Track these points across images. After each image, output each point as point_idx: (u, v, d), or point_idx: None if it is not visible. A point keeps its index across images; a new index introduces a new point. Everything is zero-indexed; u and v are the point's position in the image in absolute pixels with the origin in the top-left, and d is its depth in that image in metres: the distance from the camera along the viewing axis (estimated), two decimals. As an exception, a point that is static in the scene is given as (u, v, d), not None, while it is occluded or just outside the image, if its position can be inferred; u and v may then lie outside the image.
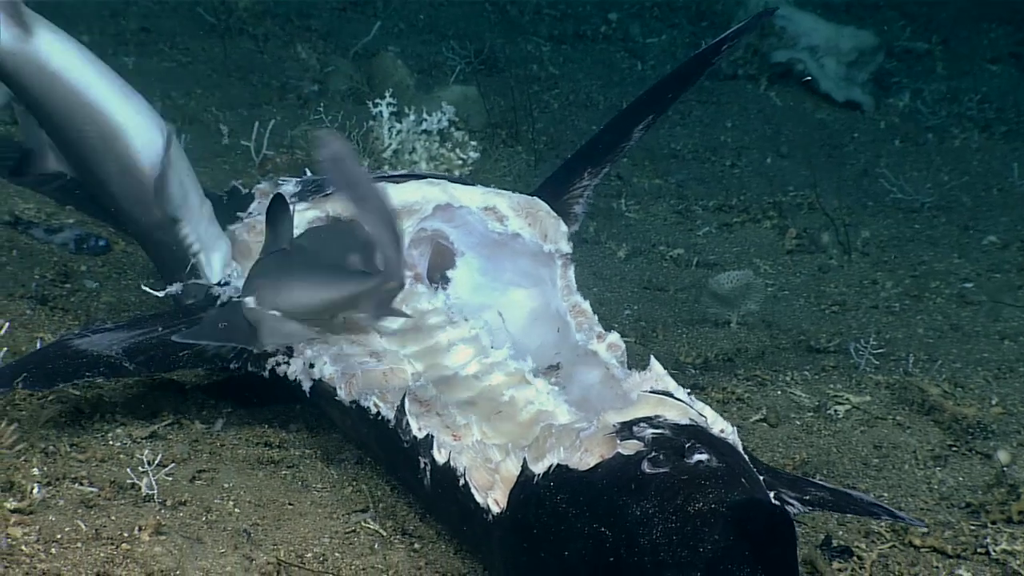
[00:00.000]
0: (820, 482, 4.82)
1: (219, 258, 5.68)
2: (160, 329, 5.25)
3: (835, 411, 6.09)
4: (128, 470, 4.78)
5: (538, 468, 4.11)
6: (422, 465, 4.55)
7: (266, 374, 5.15)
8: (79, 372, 5.02)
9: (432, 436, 4.53)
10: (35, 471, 4.68)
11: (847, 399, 6.20)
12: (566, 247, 5.65)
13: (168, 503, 4.67)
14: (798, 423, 5.98)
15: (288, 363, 5.11)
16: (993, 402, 6.24)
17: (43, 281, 6.51)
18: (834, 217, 8.91)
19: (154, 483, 4.69)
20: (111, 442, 5.07)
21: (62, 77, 5.54)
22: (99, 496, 4.63)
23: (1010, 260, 8.71)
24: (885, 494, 5.36)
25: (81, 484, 4.69)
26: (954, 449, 5.80)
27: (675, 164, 10.30)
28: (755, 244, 8.81)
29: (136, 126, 5.62)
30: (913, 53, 13.77)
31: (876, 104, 12.29)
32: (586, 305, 5.51)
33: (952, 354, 6.99)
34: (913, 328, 7.43)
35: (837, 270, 8.42)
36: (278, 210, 4.91)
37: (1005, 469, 5.54)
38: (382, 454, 4.92)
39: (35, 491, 4.54)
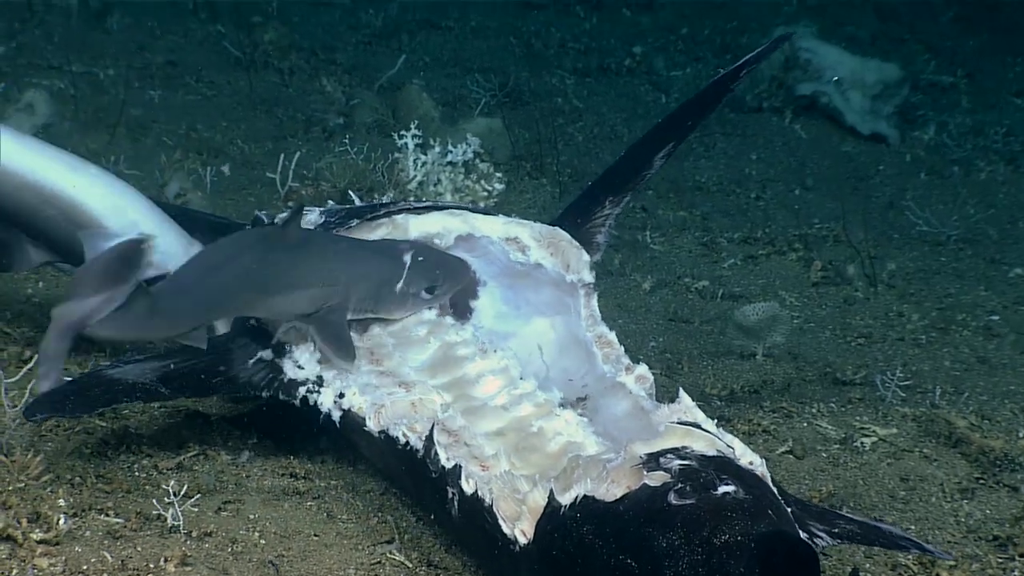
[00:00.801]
0: (849, 515, 4.80)
1: None
2: (190, 358, 5.26)
3: (862, 443, 6.07)
4: (154, 501, 4.79)
5: (565, 499, 4.12)
6: (450, 495, 4.54)
7: (297, 402, 5.16)
8: (117, 397, 5.04)
9: (460, 466, 4.53)
10: (61, 502, 4.69)
11: (874, 431, 6.19)
12: (588, 277, 5.65)
13: (194, 534, 4.68)
14: (824, 455, 5.97)
15: (319, 392, 5.11)
16: (1020, 435, 6.22)
17: (69, 313, 6.52)
18: (860, 249, 8.89)
19: (180, 514, 4.70)
20: (137, 473, 5.08)
21: (9, 168, 5.59)
22: (125, 527, 4.64)
23: (1037, 292, 8.71)
24: (912, 527, 5.34)
25: (107, 515, 4.70)
26: (981, 482, 5.78)
27: (700, 196, 10.30)
28: (780, 276, 8.79)
29: (96, 192, 5.66)
30: (938, 86, 13.77)
31: (901, 137, 12.28)
32: (612, 336, 5.49)
33: (979, 387, 6.96)
34: (939, 360, 7.41)
35: (863, 302, 8.39)
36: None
37: (1033, 502, 5.53)
38: (410, 484, 4.92)
39: (61, 522, 4.55)
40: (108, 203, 5.66)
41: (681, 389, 4.72)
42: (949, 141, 12.19)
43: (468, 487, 4.48)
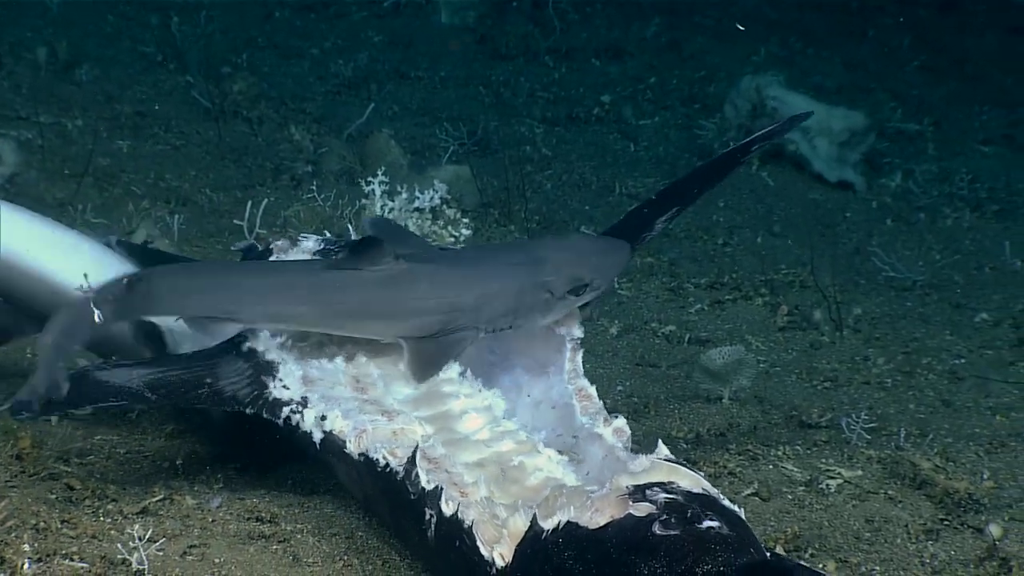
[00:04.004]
0: (823, 572, 4.82)
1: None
2: (177, 368, 5.27)
3: (827, 485, 6.08)
4: (119, 546, 4.78)
5: (547, 524, 4.14)
6: (427, 517, 4.56)
7: (280, 422, 5.17)
8: (104, 397, 5.07)
9: (441, 488, 4.55)
10: (26, 547, 4.68)
11: (839, 473, 6.20)
12: (578, 332, 5.66)
13: (159, 578, 4.68)
14: (790, 497, 5.98)
15: (301, 413, 5.13)
16: (985, 476, 6.23)
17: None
18: (826, 294, 8.93)
19: (145, 558, 4.69)
20: (102, 518, 5.08)
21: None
22: (90, 572, 4.63)
23: (1002, 337, 8.72)
24: (877, 568, 5.35)
25: (72, 560, 4.69)
26: (946, 523, 5.79)
27: (667, 243, 10.34)
28: (747, 321, 8.83)
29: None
30: (905, 134, 13.86)
31: (868, 184, 12.35)
32: (592, 390, 5.48)
33: (944, 429, 6.99)
34: (905, 404, 7.44)
35: (829, 347, 8.43)
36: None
37: (997, 543, 5.52)
38: (386, 508, 4.94)
39: (26, 567, 4.54)
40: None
41: (660, 441, 4.72)
42: (915, 188, 12.26)
43: (448, 509, 4.49)
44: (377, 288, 5.13)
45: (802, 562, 4.87)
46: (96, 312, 5.10)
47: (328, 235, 6.21)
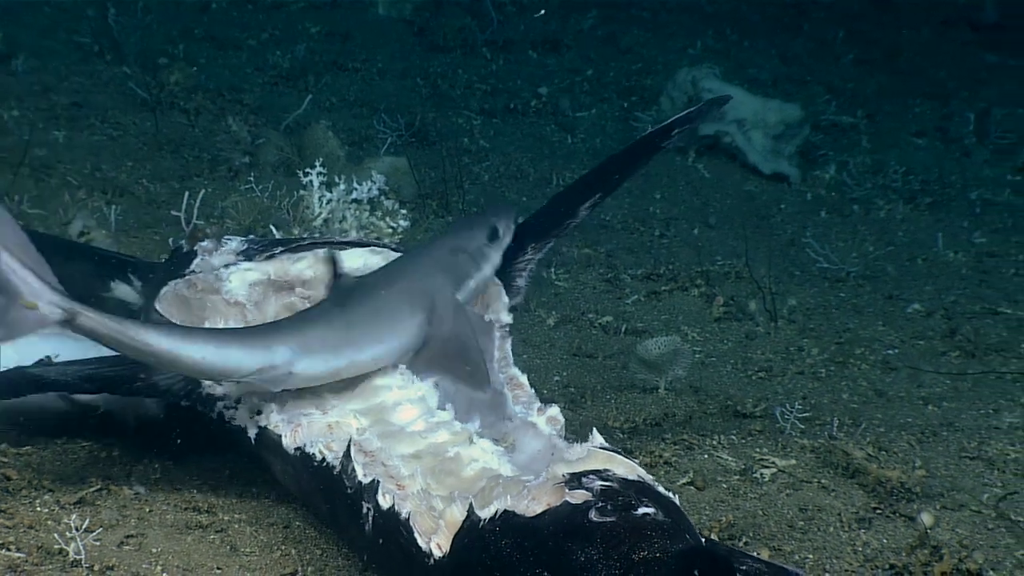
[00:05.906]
0: (755, 555, 4.86)
1: None
2: (112, 364, 5.27)
3: (761, 474, 6.13)
4: (56, 535, 4.78)
5: (484, 513, 4.17)
6: (365, 511, 4.58)
7: (213, 416, 5.18)
8: (42, 388, 5.11)
9: (378, 481, 4.57)
10: (-38, 537, 4.68)
11: (773, 462, 6.25)
12: (506, 318, 5.70)
13: (96, 568, 4.67)
14: (725, 486, 6.02)
15: (235, 408, 5.14)
16: (916, 465, 6.29)
17: None
18: (761, 285, 8.99)
19: (82, 548, 4.69)
20: (39, 508, 5.07)
21: None
22: (27, 561, 4.63)
23: (934, 327, 8.80)
24: (810, 556, 5.40)
25: (8, 550, 4.69)
26: (878, 512, 5.84)
27: (605, 234, 10.39)
28: (683, 312, 8.88)
29: None
30: (839, 127, 13.94)
31: (802, 176, 12.43)
32: (524, 379, 5.52)
33: (876, 419, 7.05)
34: (838, 393, 7.50)
35: (764, 337, 8.49)
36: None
37: (928, 531, 5.58)
38: (323, 503, 4.95)
39: (-38, 556, 4.55)
40: None
41: (594, 429, 4.75)
42: (849, 180, 12.34)
43: (384, 502, 4.51)
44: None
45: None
46: None
47: (252, 236, 6.22)
